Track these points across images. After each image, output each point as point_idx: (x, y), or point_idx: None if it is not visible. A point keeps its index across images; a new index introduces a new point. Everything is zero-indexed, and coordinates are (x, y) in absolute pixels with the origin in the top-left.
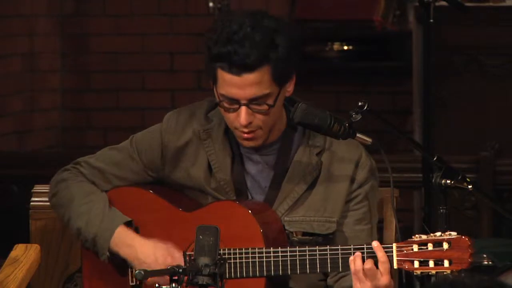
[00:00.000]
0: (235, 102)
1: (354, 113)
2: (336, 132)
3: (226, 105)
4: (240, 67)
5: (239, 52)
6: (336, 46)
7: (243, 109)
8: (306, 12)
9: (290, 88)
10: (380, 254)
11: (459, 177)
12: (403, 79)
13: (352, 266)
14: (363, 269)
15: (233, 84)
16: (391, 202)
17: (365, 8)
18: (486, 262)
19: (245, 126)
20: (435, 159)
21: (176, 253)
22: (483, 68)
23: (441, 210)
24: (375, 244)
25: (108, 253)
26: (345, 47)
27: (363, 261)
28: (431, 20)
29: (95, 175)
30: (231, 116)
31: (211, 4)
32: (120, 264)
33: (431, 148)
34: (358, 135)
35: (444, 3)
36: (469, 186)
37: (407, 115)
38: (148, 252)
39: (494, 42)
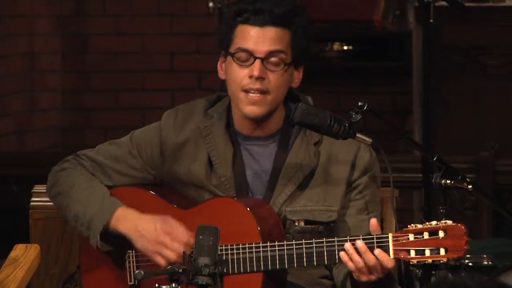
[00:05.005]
0: (251, 55)
1: (354, 113)
2: (336, 132)
3: (240, 57)
4: (263, 19)
5: (265, 6)
6: (336, 46)
7: (258, 62)
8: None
9: (297, 78)
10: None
11: (459, 177)
12: (403, 79)
13: (351, 265)
14: (365, 264)
15: (253, 35)
16: (391, 202)
17: (365, 8)
18: (486, 262)
19: (257, 80)
20: (435, 159)
21: (177, 225)
22: (483, 68)
23: (441, 210)
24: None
25: (99, 237)
26: (345, 47)
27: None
28: (431, 20)
29: (95, 168)
30: (242, 72)
31: (211, 4)
32: (118, 261)
33: (431, 148)
34: (358, 135)
35: (444, 3)
36: (469, 186)
37: (407, 115)
38: (149, 225)
39: (494, 42)
